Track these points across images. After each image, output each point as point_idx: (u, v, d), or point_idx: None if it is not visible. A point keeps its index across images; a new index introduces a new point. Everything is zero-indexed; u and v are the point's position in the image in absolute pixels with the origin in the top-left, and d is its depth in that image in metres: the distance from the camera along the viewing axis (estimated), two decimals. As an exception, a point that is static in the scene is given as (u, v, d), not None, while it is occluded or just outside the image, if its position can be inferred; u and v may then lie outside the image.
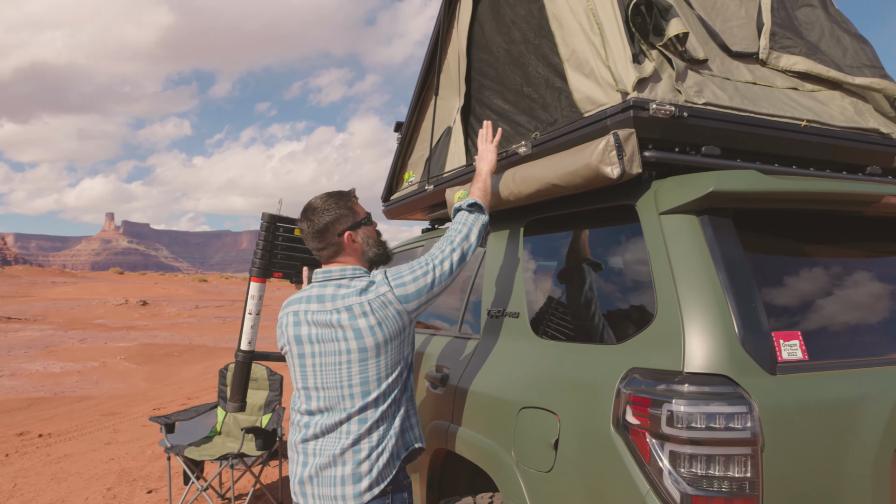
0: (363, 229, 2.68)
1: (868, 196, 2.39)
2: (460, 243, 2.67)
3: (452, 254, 2.63)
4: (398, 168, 5.29)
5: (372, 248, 2.71)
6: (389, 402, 2.51)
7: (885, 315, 2.42)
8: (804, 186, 2.33)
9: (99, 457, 7.40)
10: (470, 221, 2.76)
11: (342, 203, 2.66)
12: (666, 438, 1.93)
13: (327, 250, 2.64)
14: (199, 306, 33.99)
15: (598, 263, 2.65)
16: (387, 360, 2.49)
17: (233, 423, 6.00)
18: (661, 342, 2.09)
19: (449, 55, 4.28)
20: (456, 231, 2.72)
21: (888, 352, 2.29)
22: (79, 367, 15.00)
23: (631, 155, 2.38)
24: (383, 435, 2.49)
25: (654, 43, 2.65)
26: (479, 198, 2.86)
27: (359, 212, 2.69)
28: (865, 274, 2.50)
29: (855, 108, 3.06)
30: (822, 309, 2.31)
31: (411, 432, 2.63)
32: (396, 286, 2.51)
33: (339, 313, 2.49)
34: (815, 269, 2.39)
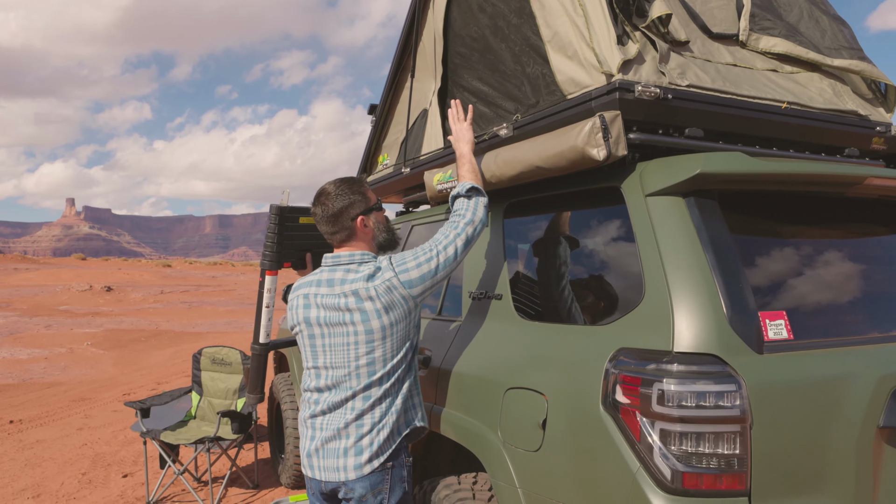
0: (375, 214, 2.76)
1: (851, 178, 2.43)
2: (464, 228, 2.69)
3: (457, 239, 2.65)
4: (372, 151, 5.26)
5: (382, 232, 2.79)
6: (393, 380, 2.59)
7: (866, 294, 2.47)
8: (789, 168, 2.36)
9: (72, 442, 7.30)
10: (472, 205, 2.76)
11: (355, 188, 2.72)
12: (657, 417, 1.96)
13: (339, 234, 2.71)
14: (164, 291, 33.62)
15: (583, 246, 2.66)
16: (392, 342, 2.57)
17: (207, 408, 5.96)
18: (650, 323, 2.12)
19: (424, 36, 4.25)
20: (459, 216, 2.74)
21: (870, 330, 2.35)
22: (46, 353, 14.77)
23: (617, 137, 2.38)
24: (385, 411, 2.58)
25: (637, 24, 2.65)
26: (472, 180, 2.87)
27: (371, 198, 2.76)
28: (846, 254, 2.55)
29: (833, 90, 3.10)
30: (804, 289, 2.35)
31: (413, 411, 2.69)
32: (401, 272, 2.56)
33: (346, 297, 2.57)
34: (797, 250, 2.43)
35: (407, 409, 2.65)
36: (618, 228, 2.47)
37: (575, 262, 2.67)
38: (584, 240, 2.66)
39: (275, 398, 5.78)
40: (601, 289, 2.50)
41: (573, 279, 2.66)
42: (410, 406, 2.68)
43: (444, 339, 3.16)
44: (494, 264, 3.03)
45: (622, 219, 2.41)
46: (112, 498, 5.54)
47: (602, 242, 2.57)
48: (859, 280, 2.50)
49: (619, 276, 2.42)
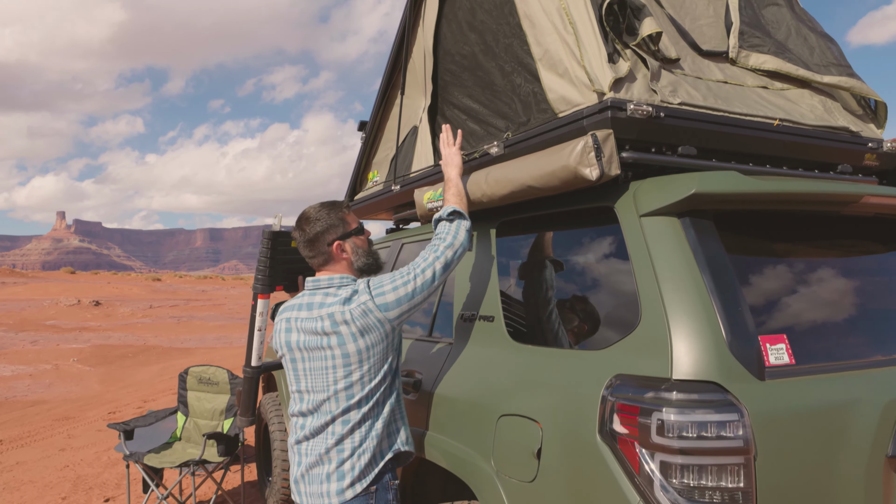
0: (353, 239, 2.76)
1: (847, 196, 2.39)
2: (444, 251, 2.68)
3: (435, 262, 2.64)
4: (362, 167, 5.20)
5: (361, 258, 2.77)
6: (372, 404, 2.58)
7: (867, 315, 2.43)
8: (785, 187, 2.31)
9: (53, 464, 7.17)
10: (453, 229, 2.76)
11: (333, 213, 2.74)
12: (656, 448, 1.90)
13: (317, 258, 2.74)
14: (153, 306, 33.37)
15: (576, 266, 2.61)
16: (370, 366, 2.56)
17: (193, 429, 5.86)
18: (647, 348, 2.06)
19: (415, 53, 4.21)
20: (440, 239, 2.73)
21: (872, 353, 2.30)
22: (30, 370, 14.58)
23: (609, 156, 2.34)
24: (365, 435, 2.56)
25: (628, 42, 2.62)
26: (456, 204, 2.86)
27: (349, 222, 2.76)
28: (844, 273, 2.50)
29: (824, 107, 3.07)
30: (804, 311, 2.30)
31: (397, 434, 2.67)
32: (376, 295, 2.55)
33: (323, 321, 2.57)
34: (794, 270, 2.38)
35: (390, 433, 2.64)
36: (611, 249, 2.41)
37: (568, 283, 2.62)
38: (577, 260, 2.61)
39: (262, 419, 5.69)
40: (595, 312, 2.45)
41: (566, 301, 2.61)
42: (394, 430, 2.66)
43: (435, 362, 3.09)
44: (486, 285, 2.97)
45: (616, 239, 2.36)
46: (96, 523, 5.43)
47: (595, 263, 2.51)
48: (859, 300, 2.45)
49: (613, 298, 2.36)
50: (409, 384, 3.19)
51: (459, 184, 2.96)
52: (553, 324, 2.60)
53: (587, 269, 2.55)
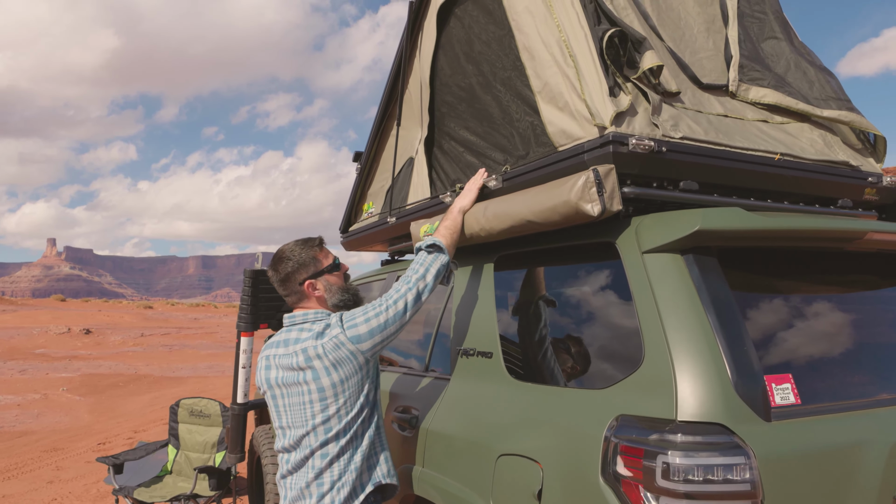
0: (325, 277, 2.78)
1: (851, 233, 2.36)
2: (416, 283, 2.71)
3: (407, 293, 2.67)
4: (357, 198, 5.17)
5: (334, 295, 2.79)
6: (350, 437, 2.60)
7: (872, 353, 2.39)
8: (789, 224, 2.28)
9: (40, 497, 7.03)
10: (428, 262, 2.78)
11: (305, 252, 2.77)
12: (662, 492, 1.84)
13: (291, 297, 2.79)
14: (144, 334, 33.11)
15: (576, 303, 2.56)
16: (346, 399, 2.59)
17: (184, 462, 5.76)
18: (650, 387, 2.01)
19: (411, 84, 4.20)
20: (413, 271, 2.76)
21: (877, 392, 2.25)
22: (18, 399, 14.39)
23: (611, 191, 2.31)
24: (344, 468, 2.58)
25: (629, 76, 2.60)
26: (444, 236, 2.88)
27: (321, 260, 2.79)
28: (849, 311, 2.47)
29: (824, 141, 3.06)
30: (808, 349, 2.26)
31: (379, 468, 2.68)
32: (348, 327, 2.58)
33: (298, 356, 2.60)
34: (797, 309, 2.34)
35: (370, 466, 2.66)
36: (613, 286, 2.37)
37: (568, 320, 2.58)
38: (578, 297, 2.57)
39: (255, 452, 5.59)
40: (596, 350, 2.40)
41: (566, 338, 2.56)
42: (374, 462, 2.67)
43: (432, 398, 3.04)
44: (484, 320, 2.92)
45: (617, 276, 2.32)
46: (83, 559, 5.30)
47: (596, 300, 2.47)
48: (863, 337, 2.42)
49: (614, 336, 2.32)
50: (404, 420, 3.14)
51: (458, 219, 2.96)
52: (553, 361, 2.55)
53: (588, 305, 2.51)
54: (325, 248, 2.86)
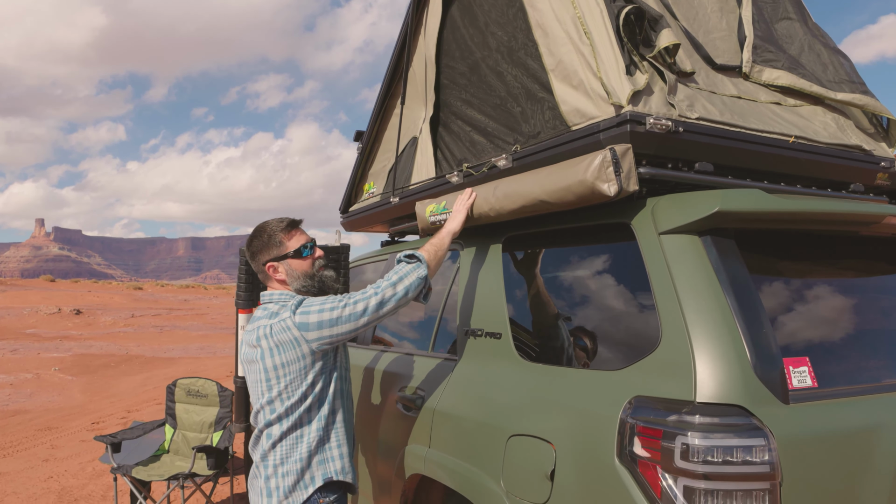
0: (288, 262, 2.72)
1: (869, 216, 2.35)
2: (384, 289, 2.62)
3: (372, 297, 2.59)
4: (358, 178, 5.13)
5: (296, 281, 2.72)
6: (292, 424, 2.58)
7: (887, 338, 2.38)
8: (808, 206, 2.27)
9: (36, 475, 7.00)
10: (403, 272, 2.70)
11: (275, 233, 2.72)
12: (680, 473, 1.83)
13: (260, 275, 2.80)
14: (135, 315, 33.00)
15: (589, 284, 2.54)
16: (286, 384, 2.56)
17: (182, 441, 5.74)
18: (668, 369, 1.99)
19: (415, 62, 4.15)
20: (387, 278, 2.68)
21: (893, 376, 2.24)
22: (11, 379, 14.32)
23: (628, 171, 2.28)
24: (286, 455, 2.58)
25: (645, 54, 2.56)
26: (427, 251, 2.81)
27: (287, 245, 2.72)
28: (865, 296, 2.46)
29: (837, 125, 3.03)
30: (824, 333, 2.25)
31: (331, 464, 2.63)
32: (300, 313, 2.53)
33: (253, 334, 2.62)
34: (813, 292, 2.33)
35: (322, 461, 2.61)
36: (628, 267, 2.35)
37: (580, 301, 2.55)
38: (591, 278, 2.54)
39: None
40: (610, 331, 2.38)
41: (579, 320, 2.53)
42: (328, 457, 2.63)
43: (438, 379, 3.01)
44: (492, 301, 2.89)
45: (632, 257, 2.30)
46: (79, 537, 5.28)
47: (610, 281, 2.45)
48: (878, 322, 2.41)
49: (630, 318, 2.29)
50: (410, 400, 3.12)
51: (445, 241, 2.91)
52: (565, 343, 2.53)
53: (600, 286, 2.49)
54: (296, 231, 2.77)
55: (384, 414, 3.40)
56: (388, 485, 3.28)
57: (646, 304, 2.18)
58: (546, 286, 2.74)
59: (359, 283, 4.60)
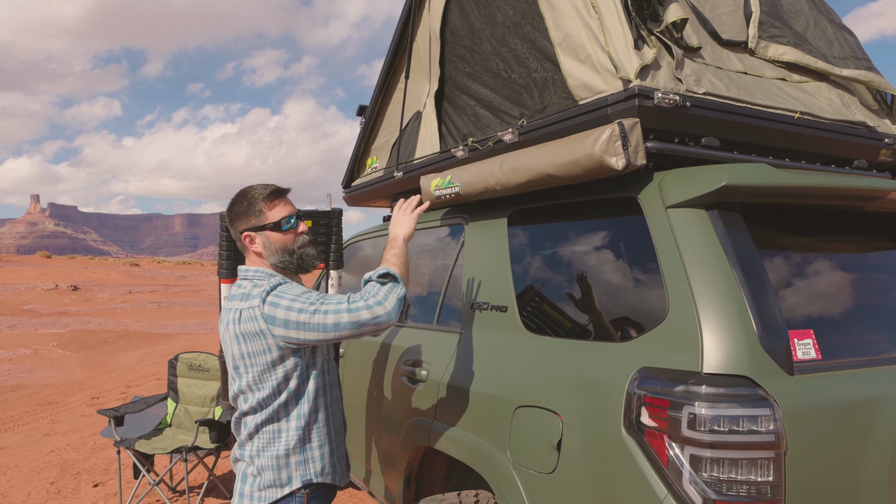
0: (268, 234, 2.49)
1: (875, 191, 2.37)
2: (361, 309, 2.31)
3: (345, 313, 2.31)
4: (360, 153, 5.12)
5: (273, 255, 2.50)
6: (267, 417, 2.41)
7: (891, 313, 2.41)
8: (815, 181, 2.29)
9: (38, 449, 7.06)
10: (383, 292, 2.38)
11: (253, 200, 2.50)
12: (687, 442, 1.86)
13: (238, 244, 2.59)
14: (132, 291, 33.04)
15: (595, 258, 2.56)
16: (253, 376, 2.39)
17: (184, 415, 5.78)
18: (674, 341, 2.02)
19: (419, 36, 4.13)
20: (371, 294, 2.37)
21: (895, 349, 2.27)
22: (9, 354, 14.37)
23: (636, 145, 2.29)
24: (262, 450, 2.43)
25: (652, 29, 2.57)
26: (395, 265, 2.53)
27: (268, 215, 2.49)
28: (869, 270, 2.49)
29: (842, 101, 3.05)
30: (828, 306, 2.28)
31: (310, 465, 2.45)
32: (268, 303, 2.33)
33: (226, 315, 2.45)
34: (818, 266, 2.36)
35: (303, 461, 2.44)
36: (634, 241, 2.37)
37: (587, 275, 2.57)
38: (597, 252, 2.56)
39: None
40: (616, 304, 2.40)
41: (584, 292, 2.56)
42: (308, 458, 2.46)
43: (444, 352, 3.04)
44: (497, 274, 2.91)
45: (639, 230, 2.31)
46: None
47: (617, 255, 2.47)
48: (882, 296, 2.43)
49: (636, 290, 2.32)
50: (414, 373, 3.15)
51: (405, 248, 2.65)
52: (571, 315, 2.56)
53: (607, 260, 2.51)
54: (280, 200, 2.54)
55: (389, 387, 3.43)
56: (393, 457, 3.32)
57: (652, 277, 2.20)
58: (552, 260, 2.76)
59: (357, 261, 4.62)
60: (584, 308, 2.51)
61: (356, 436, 3.95)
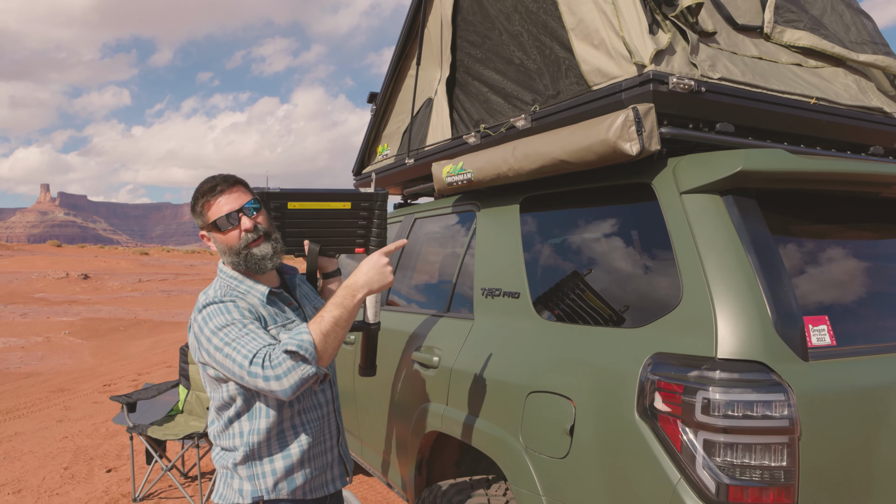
0: (214, 234, 2.27)
1: (891, 177, 2.34)
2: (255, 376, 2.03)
3: (245, 372, 2.03)
4: (371, 140, 5.12)
5: (224, 255, 2.29)
6: (220, 429, 2.28)
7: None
8: (832, 167, 2.27)
9: (52, 435, 7.13)
10: (283, 368, 2.02)
11: (195, 198, 2.27)
12: (701, 427, 1.86)
13: None
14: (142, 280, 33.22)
15: (608, 244, 2.55)
16: (208, 382, 2.27)
17: (195, 402, 5.81)
18: (689, 327, 2.01)
19: (431, 22, 4.12)
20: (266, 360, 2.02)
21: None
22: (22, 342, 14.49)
23: (650, 131, 2.28)
24: (218, 457, 2.31)
25: (667, 13, 2.55)
26: (318, 333, 2.09)
27: (207, 215, 2.25)
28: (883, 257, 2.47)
29: (858, 86, 3.02)
30: (842, 293, 2.27)
31: (260, 480, 2.24)
32: (198, 324, 2.16)
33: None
34: (832, 252, 2.34)
35: (252, 476, 2.25)
36: (648, 226, 2.36)
37: (600, 261, 2.57)
38: (610, 238, 2.56)
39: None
40: (628, 290, 2.40)
41: (597, 278, 2.55)
42: (257, 473, 2.25)
43: (456, 338, 3.04)
44: (510, 261, 2.91)
45: (653, 216, 2.30)
46: (97, 494, 5.39)
47: (630, 241, 2.46)
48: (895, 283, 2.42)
49: (649, 276, 2.31)
50: (426, 359, 3.15)
51: (356, 306, 2.20)
52: (584, 301, 2.55)
53: (620, 246, 2.50)
54: (218, 196, 2.24)
55: (401, 373, 3.44)
56: (405, 443, 3.33)
57: (666, 263, 2.19)
58: (564, 246, 2.76)
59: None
60: (597, 294, 2.50)
61: (367, 422, 3.96)
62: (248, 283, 2.31)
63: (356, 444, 4.30)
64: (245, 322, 2.13)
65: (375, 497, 5.23)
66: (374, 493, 5.30)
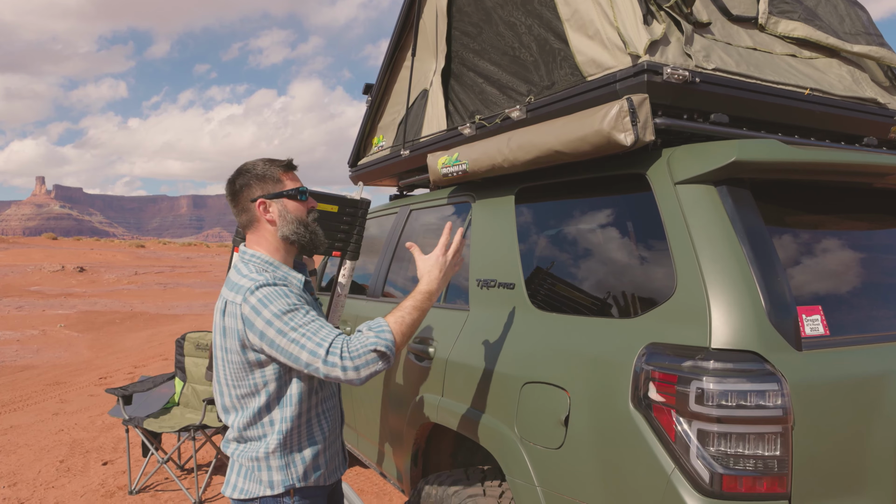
0: (283, 201, 2.33)
1: (884, 167, 2.35)
2: (332, 366, 2.08)
3: (319, 361, 2.08)
4: (367, 132, 5.12)
5: (288, 224, 2.32)
6: (247, 422, 2.25)
7: None
8: (826, 157, 2.27)
9: (47, 428, 7.13)
10: (362, 360, 2.10)
11: (269, 168, 2.34)
12: (694, 416, 1.87)
13: (241, 217, 2.37)
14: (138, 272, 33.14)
15: (603, 234, 2.55)
16: (232, 373, 2.23)
17: (191, 394, 5.82)
18: (683, 317, 2.02)
19: (426, 13, 4.11)
20: (345, 348, 2.10)
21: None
22: (17, 335, 14.46)
23: (644, 121, 2.28)
24: (243, 450, 2.28)
25: (662, 4, 2.55)
26: (399, 334, 2.20)
27: (284, 181, 2.34)
28: (877, 247, 2.48)
29: (852, 77, 3.02)
30: (836, 283, 2.27)
31: (292, 469, 2.27)
32: (252, 307, 2.13)
33: (219, 300, 2.29)
34: (826, 243, 2.35)
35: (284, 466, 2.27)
36: (642, 217, 2.36)
37: (594, 251, 2.57)
38: (604, 228, 2.56)
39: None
40: (623, 281, 2.40)
41: (592, 269, 2.55)
42: (288, 463, 2.27)
43: (451, 329, 3.05)
44: (504, 252, 2.91)
45: (647, 207, 2.31)
46: (93, 486, 5.39)
47: (624, 231, 2.46)
48: (889, 273, 2.42)
49: (644, 267, 2.32)
50: (422, 350, 3.16)
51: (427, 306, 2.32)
52: (578, 292, 2.55)
53: (614, 236, 2.51)
54: (293, 173, 2.39)
55: (396, 364, 3.45)
56: (400, 434, 3.34)
57: (660, 254, 2.20)
58: (559, 237, 2.76)
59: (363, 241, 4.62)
60: (592, 284, 2.51)
61: (363, 414, 3.97)
62: (285, 269, 2.35)
63: (352, 436, 4.31)
64: (307, 308, 2.18)
65: (371, 488, 5.24)
66: (370, 485, 5.32)
